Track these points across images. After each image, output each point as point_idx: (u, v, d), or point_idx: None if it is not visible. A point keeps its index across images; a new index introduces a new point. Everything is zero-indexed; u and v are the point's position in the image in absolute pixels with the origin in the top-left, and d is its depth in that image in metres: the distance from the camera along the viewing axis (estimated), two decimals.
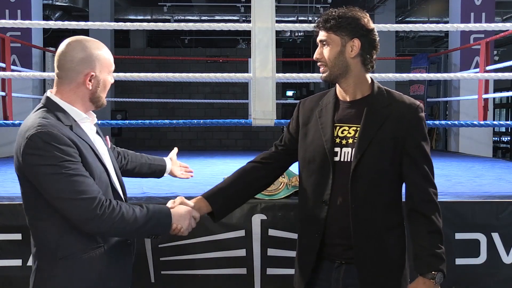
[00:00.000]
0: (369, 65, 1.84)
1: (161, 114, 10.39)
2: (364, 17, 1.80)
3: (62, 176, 1.58)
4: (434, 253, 1.74)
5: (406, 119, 1.78)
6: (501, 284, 2.79)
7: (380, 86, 1.87)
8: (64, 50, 1.72)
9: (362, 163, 1.76)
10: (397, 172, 1.80)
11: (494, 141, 10.23)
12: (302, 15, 11.04)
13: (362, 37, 1.79)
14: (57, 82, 1.74)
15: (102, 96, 1.77)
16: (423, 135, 1.81)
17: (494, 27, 4.24)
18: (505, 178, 4.02)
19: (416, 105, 1.82)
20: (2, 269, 2.64)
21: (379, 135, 1.76)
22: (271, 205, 2.75)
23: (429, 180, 1.80)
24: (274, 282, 2.73)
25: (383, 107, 1.80)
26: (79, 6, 10.27)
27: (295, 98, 17.64)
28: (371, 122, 1.78)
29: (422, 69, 7.53)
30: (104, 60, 1.74)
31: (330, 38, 1.80)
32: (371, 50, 1.83)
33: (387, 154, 1.77)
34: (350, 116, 1.83)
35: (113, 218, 1.62)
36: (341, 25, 1.78)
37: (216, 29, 3.61)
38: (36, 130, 1.60)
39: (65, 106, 1.71)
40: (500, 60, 9.05)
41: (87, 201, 1.59)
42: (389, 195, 1.80)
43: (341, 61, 1.80)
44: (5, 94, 5.50)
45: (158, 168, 2.32)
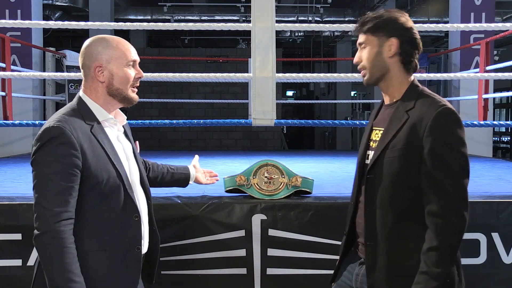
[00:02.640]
0: (410, 65, 1.78)
1: (161, 114, 10.39)
2: (401, 16, 1.77)
3: (48, 175, 1.61)
4: (425, 271, 1.62)
5: (423, 124, 1.66)
6: (501, 284, 2.79)
7: (417, 87, 1.78)
8: (81, 50, 1.80)
9: (377, 166, 1.74)
10: (419, 181, 1.68)
11: (494, 141, 10.23)
12: (302, 15, 11.05)
13: (400, 36, 1.75)
14: (82, 81, 1.81)
15: (121, 88, 1.77)
16: (443, 141, 1.63)
17: (494, 27, 4.24)
18: (505, 178, 4.03)
19: (439, 107, 1.66)
20: (2, 269, 2.64)
21: (395, 140, 1.71)
22: (271, 205, 2.76)
23: (444, 192, 1.62)
24: (274, 282, 2.73)
25: (406, 110, 1.72)
26: (79, 6, 10.28)
27: (295, 98, 17.64)
28: (392, 125, 1.73)
29: (422, 69, 7.52)
30: (112, 51, 1.76)
31: (367, 40, 1.78)
32: (411, 49, 1.77)
33: (402, 159, 1.69)
34: (383, 119, 1.81)
35: (58, 244, 1.58)
36: (378, 26, 1.75)
37: (216, 29, 3.61)
38: (49, 124, 1.66)
39: (92, 105, 1.76)
40: (500, 60, 9.04)
41: (45, 209, 1.60)
42: (405, 203, 1.71)
43: (380, 62, 1.76)
44: (5, 94, 5.50)
45: (182, 176, 2.31)
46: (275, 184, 2.81)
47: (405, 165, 1.69)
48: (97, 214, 1.69)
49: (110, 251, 1.70)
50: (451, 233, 1.62)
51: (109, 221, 1.71)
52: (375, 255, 1.75)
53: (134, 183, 1.81)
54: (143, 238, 1.83)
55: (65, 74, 5.19)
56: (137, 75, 1.82)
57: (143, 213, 1.83)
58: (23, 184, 3.55)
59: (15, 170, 4.54)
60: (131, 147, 1.89)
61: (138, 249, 1.77)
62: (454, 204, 1.63)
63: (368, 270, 1.77)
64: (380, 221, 1.74)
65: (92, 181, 1.67)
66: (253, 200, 2.78)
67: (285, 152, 8.39)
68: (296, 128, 15.61)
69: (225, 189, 2.85)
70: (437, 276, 1.60)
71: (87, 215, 1.68)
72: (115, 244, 1.71)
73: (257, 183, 2.81)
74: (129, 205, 1.75)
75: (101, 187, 1.68)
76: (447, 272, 1.62)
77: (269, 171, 2.83)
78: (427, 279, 1.60)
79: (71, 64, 7.14)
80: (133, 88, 1.82)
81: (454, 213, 1.62)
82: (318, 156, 6.56)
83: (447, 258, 1.61)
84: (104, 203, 1.70)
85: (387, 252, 1.73)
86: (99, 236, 1.69)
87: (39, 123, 4.54)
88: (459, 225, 1.62)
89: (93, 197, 1.68)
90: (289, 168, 2.86)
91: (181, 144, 10.45)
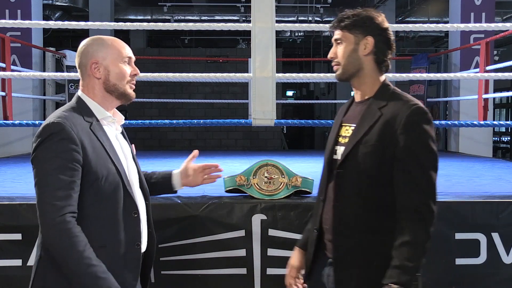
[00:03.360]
0: (383, 64, 1.82)
1: (161, 114, 10.38)
2: (379, 16, 1.81)
3: (49, 170, 1.62)
4: (398, 265, 1.64)
5: (396, 121, 1.70)
6: (501, 284, 2.79)
7: (389, 87, 1.83)
8: (77, 51, 1.83)
9: (347, 162, 1.76)
10: (390, 177, 1.71)
11: (494, 141, 10.23)
12: (302, 15, 11.04)
13: (376, 36, 1.78)
14: (80, 81, 1.84)
15: (118, 84, 1.80)
16: (416, 139, 1.68)
17: (494, 27, 4.24)
18: (505, 178, 4.02)
19: (412, 106, 1.71)
20: (2, 269, 2.64)
21: (368, 136, 1.73)
22: (271, 205, 2.76)
23: (415, 188, 1.67)
24: (274, 282, 2.73)
25: (379, 108, 1.76)
26: (79, 6, 10.28)
27: (295, 98, 17.63)
28: (365, 122, 1.76)
29: (422, 69, 7.52)
30: (107, 48, 1.79)
31: (344, 37, 1.81)
32: (385, 49, 1.81)
33: (373, 156, 1.71)
34: (354, 116, 1.84)
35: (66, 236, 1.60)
36: (355, 24, 1.79)
37: (216, 29, 3.61)
38: (49, 121, 1.68)
39: (90, 103, 1.79)
40: (500, 60, 9.04)
41: (49, 203, 1.61)
42: (375, 198, 1.73)
43: (354, 59, 1.80)
44: (5, 94, 5.50)
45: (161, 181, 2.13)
46: (275, 184, 2.81)
47: (377, 160, 1.71)
48: (97, 211, 1.70)
49: (110, 248, 1.71)
50: (423, 228, 1.66)
51: (109, 218, 1.72)
52: (342, 250, 1.76)
53: (132, 182, 1.82)
54: (142, 236, 1.83)
55: (65, 74, 5.19)
56: (132, 72, 1.84)
57: (141, 212, 1.84)
58: (23, 184, 3.55)
59: (15, 170, 4.54)
60: (129, 147, 1.90)
61: (138, 245, 1.78)
62: (427, 199, 1.67)
63: (335, 265, 1.78)
64: (349, 216, 1.76)
65: (92, 177, 1.68)
66: (253, 200, 2.78)
67: (285, 152, 8.39)
68: (296, 128, 15.61)
69: (225, 189, 2.85)
70: (408, 270, 1.64)
71: (87, 212, 1.68)
72: (114, 241, 1.72)
73: (257, 183, 2.81)
74: (128, 202, 1.76)
75: (100, 184, 1.69)
76: (417, 267, 1.66)
77: (269, 171, 2.83)
78: (399, 273, 1.63)
79: (71, 64, 7.14)
80: (130, 85, 1.84)
81: (427, 209, 1.66)
82: (318, 156, 6.56)
83: (418, 252, 1.66)
84: (103, 199, 1.71)
85: (356, 247, 1.74)
86: (99, 232, 1.70)
87: (39, 123, 4.53)
88: (431, 221, 1.67)
89: (92, 193, 1.69)
90: (289, 168, 2.86)
91: (181, 144, 10.44)
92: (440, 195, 3.00)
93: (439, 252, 2.76)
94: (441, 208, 2.79)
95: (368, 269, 1.72)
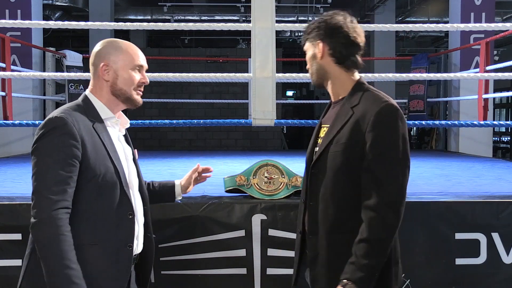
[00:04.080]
0: (346, 62, 1.80)
1: (161, 114, 10.38)
2: (336, 18, 1.79)
3: (48, 163, 1.64)
4: (353, 261, 1.65)
5: (366, 119, 1.68)
6: (501, 284, 2.79)
7: (362, 85, 1.80)
8: (93, 50, 1.86)
9: (320, 161, 1.77)
10: (358, 176, 1.71)
11: (494, 141, 10.23)
12: (302, 15, 11.04)
13: (328, 38, 1.79)
14: (90, 80, 1.87)
15: (125, 89, 1.82)
16: (385, 137, 1.66)
17: (494, 27, 4.24)
18: (505, 178, 4.02)
19: (381, 103, 1.69)
20: (2, 269, 2.64)
21: (339, 136, 1.73)
22: (271, 205, 2.76)
23: (380, 187, 1.65)
24: (274, 282, 2.73)
25: (351, 107, 1.75)
26: (79, 6, 10.27)
27: (295, 98, 17.63)
28: (337, 121, 1.77)
29: (422, 69, 7.52)
30: (120, 53, 1.82)
31: (306, 48, 1.87)
32: (343, 48, 1.78)
33: (344, 155, 1.71)
34: (330, 116, 1.86)
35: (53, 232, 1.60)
36: (310, 31, 1.84)
37: (216, 29, 3.61)
38: (53, 115, 1.71)
39: (96, 103, 1.82)
40: (500, 60, 9.04)
41: (43, 196, 1.62)
42: (346, 197, 1.73)
43: (315, 66, 1.85)
44: (5, 94, 5.50)
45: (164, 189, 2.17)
46: (275, 184, 2.81)
47: (347, 159, 1.71)
48: (92, 208, 1.71)
49: (101, 246, 1.71)
50: (383, 227, 1.65)
51: (103, 216, 1.73)
52: (316, 249, 1.77)
53: (131, 184, 1.83)
54: (136, 238, 1.83)
55: (65, 74, 5.19)
56: (141, 79, 1.87)
57: (138, 214, 1.85)
58: (23, 184, 3.55)
59: (15, 170, 4.54)
60: (131, 150, 1.91)
61: (130, 247, 1.78)
62: (391, 199, 1.65)
63: (310, 263, 1.79)
64: (321, 215, 1.76)
65: (90, 173, 1.69)
66: (253, 200, 2.78)
67: (285, 152, 8.38)
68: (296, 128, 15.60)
69: (225, 189, 2.85)
70: (362, 267, 1.63)
71: (83, 208, 1.70)
72: (106, 239, 1.72)
73: (257, 183, 2.81)
74: (124, 202, 1.76)
75: (98, 181, 1.70)
76: (372, 265, 1.64)
77: (269, 171, 2.83)
78: (353, 270, 1.64)
79: (71, 64, 7.14)
80: (138, 91, 1.87)
81: (389, 208, 1.64)
82: None
83: (375, 251, 1.64)
84: (100, 197, 1.72)
85: (328, 245, 1.75)
86: (91, 229, 1.71)
87: (39, 123, 4.54)
88: (393, 221, 1.65)
89: (89, 190, 1.70)
90: (289, 168, 2.86)
91: (181, 144, 10.44)
92: (440, 195, 3.03)
93: (439, 252, 2.76)
94: (441, 208, 2.80)
95: (340, 268, 1.70)
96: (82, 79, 7.19)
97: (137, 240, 1.84)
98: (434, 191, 3.21)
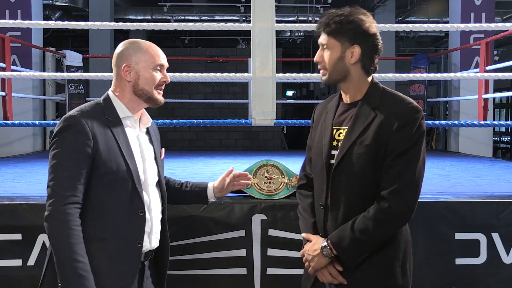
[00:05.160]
0: (370, 69, 1.80)
1: (161, 114, 10.38)
2: (366, 21, 1.76)
3: (61, 160, 1.72)
4: (346, 230, 1.70)
5: (393, 121, 1.70)
6: (501, 284, 2.79)
7: (379, 87, 1.82)
8: (115, 51, 1.90)
9: (343, 165, 1.75)
10: None
11: (494, 141, 10.23)
12: (302, 15, 11.04)
13: (362, 43, 1.75)
14: (113, 79, 1.92)
15: (146, 89, 1.86)
16: (409, 137, 1.69)
17: (494, 27, 4.24)
18: (505, 178, 4.02)
19: (408, 104, 1.73)
20: (2, 269, 2.64)
21: (362, 138, 1.72)
22: (271, 205, 2.76)
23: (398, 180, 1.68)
24: (274, 282, 2.73)
25: (372, 109, 1.75)
26: (79, 6, 10.27)
27: (295, 98, 17.64)
28: (358, 123, 1.75)
29: (422, 69, 7.52)
30: (141, 54, 1.85)
31: (330, 43, 1.77)
32: (372, 54, 1.78)
33: (369, 156, 1.71)
34: (345, 118, 1.82)
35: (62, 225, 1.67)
36: (342, 31, 1.74)
37: (216, 29, 3.61)
38: (68, 114, 1.79)
39: (116, 102, 1.87)
40: (500, 60, 9.04)
41: (55, 191, 1.70)
42: (371, 198, 1.73)
43: (341, 67, 1.78)
44: (5, 94, 5.50)
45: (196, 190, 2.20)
46: (275, 184, 2.81)
47: (373, 160, 1.71)
48: (103, 204, 1.76)
49: (110, 241, 1.76)
50: (392, 215, 1.68)
51: (113, 212, 1.77)
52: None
53: (147, 182, 1.87)
54: (151, 235, 1.87)
55: (65, 74, 5.19)
56: (162, 79, 1.90)
57: (153, 213, 1.88)
58: (23, 184, 3.55)
59: (15, 170, 4.54)
60: (153, 149, 1.95)
61: (140, 244, 1.81)
62: (407, 193, 1.69)
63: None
64: (345, 217, 1.75)
65: (101, 170, 1.75)
66: (253, 200, 2.78)
67: (285, 152, 8.38)
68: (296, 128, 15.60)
69: None
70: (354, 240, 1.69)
71: (94, 203, 1.76)
72: (115, 235, 1.77)
73: (257, 183, 2.81)
74: (136, 200, 1.80)
75: (109, 178, 1.76)
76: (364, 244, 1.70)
77: (269, 171, 2.83)
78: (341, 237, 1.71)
79: (71, 64, 7.14)
80: (158, 90, 1.90)
81: (403, 201, 1.69)
82: None
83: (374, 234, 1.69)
84: (111, 193, 1.77)
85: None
86: (101, 225, 1.76)
87: (39, 123, 4.55)
88: (404, 213, 1.70)
89: (101, 186, 1.76)
90: (289, 168, 2.86)
91: (181, 144, 10.44)
92: (440, 195, 3.02)
93: (439, 252, 2.76)
94: (441, 208, 2.80)
95: (368, 266, 1.73)
96: (82, 79, 7.20)
97: (150, 237, 1.87)
98: (434, 191, 3.21)
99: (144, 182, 1.85)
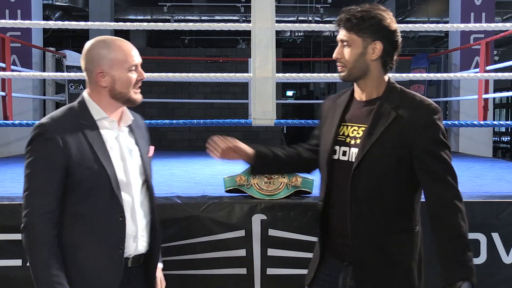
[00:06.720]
0: (389, 66, 1.79)
1: (161, 114, 10.37)
2: (387, 17, 1.75)
3: (32, 170, 1.69)
4: (457, 260, 1.66)
5: (414, 121, 1.70)
6: (501, 284, 2.79)
7: (396, 86, 1.81)
8: (82, 52, 1.82)
9: (364, 164, 1.72)
10: (407, 177, 1.73)
11: (494, 141, 10.23)
12: (302, 15, 11.05)
13: (384, 39, 1.74)
14: (86, 82, 1.85)
15: (124, 92, 1.79)
16: (435, 138, 1.70)
17: (494, 27, 4.25)
18: (505, 178, 4.02)
19: (428, 105, 1.73)
20: (2, 269, 2.64)
21: (384, 137, 1.71)
22: (271, 205, 2.76)
23: (445, 183, 1.70)
24: (274, 282, 2.73)
25: (392, 108, 1.73)
26: (79, 6, 10.27)
27: (295, 98, 17.65)
28: (377, 123, 1.73)
29: (422, 69, 7.52)
30: (114, 56, 1.76)
31: (351, 39, 1.75)
32: (393, 51, 1.78)
33: (392, 156, 1.71)
34: (361, 116, 1.80)
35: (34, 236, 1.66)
36: (363, 26, 1.73)
37: (216, 29, 3.61)
38: (38, 122, 1.75)
39: (91, 105, 1.80)
40: (500, 60, 9.04)
41: (29, 202, 1.68)
42: (394, 199, 1.73)
43: (362, 63, 1.76)
44: (5, 94, 5.50)
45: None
46: (275, 184, 2.81)
47: (396, 160, 1.71)
48: (80, 210, 1.71)
49: (90, 248, 1.71)
50: (463, 219, 1.69)
51: (91, 219, 1.72)
52: (362, 253, 1.75)
53: (129, 184, 1.79)
54: (137, 238, 1.80)
55: (65, 74, 5.20)
56: (138, 77, 1.83)
57: (138, 215, 1.81)
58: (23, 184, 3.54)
59: (15, 170, 4.54)
60: (137, 149, 1.87)
61: (121, 250, 1.75)
62: (458, 193, 1.71)
63: (356, 268, 1.76)
64: (367, 218, 1.73)
65: (76, 176, 1.69)
66: (253, 200, 2.78)
67: None
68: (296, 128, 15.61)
69: (225, 189, 2.85)
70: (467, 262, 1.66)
71: (71, 210, 1.71)
72: (95, 242, 1.72)
73: (257, 183, 2.81)
74: (114, 204, 1.74)
75: (85, 183, 1.70)
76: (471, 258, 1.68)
77: None
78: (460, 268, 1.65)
79: (71, 64, 7.13)
80: (135, 90, 1.83)
81: (460, 202, 1.70)
82: None
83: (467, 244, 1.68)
84: (88, 199, 1.71)
85: (375, 247, 1.74)
86: (80, 232, 1.71)
87: None
88: (464, 212, 1.70)
89: (77, 192, 1.70)
90: None
91: (181, 144, 10.43)
92: None
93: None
94: None
95: (391, 269, 1.74)
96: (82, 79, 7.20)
97: (136, 241, 1.81)
98: None
99: (125, 184, 1.78)
